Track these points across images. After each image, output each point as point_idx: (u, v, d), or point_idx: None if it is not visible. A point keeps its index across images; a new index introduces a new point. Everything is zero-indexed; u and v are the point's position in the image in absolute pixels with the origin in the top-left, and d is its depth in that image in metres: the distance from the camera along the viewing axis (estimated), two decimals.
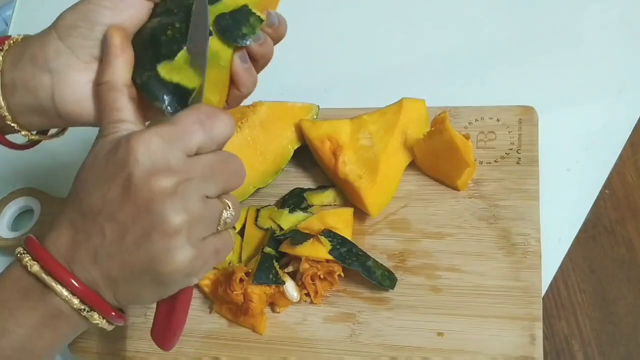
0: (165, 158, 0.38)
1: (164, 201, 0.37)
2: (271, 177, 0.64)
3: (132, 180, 0.37)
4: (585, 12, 0.70)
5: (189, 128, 0.39)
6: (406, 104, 0.62)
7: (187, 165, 0.39)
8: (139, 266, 0.39)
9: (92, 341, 0.64)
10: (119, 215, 0.38)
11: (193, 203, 0.38)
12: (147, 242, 0.38)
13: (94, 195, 0.39)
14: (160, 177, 0.37)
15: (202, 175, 0.39)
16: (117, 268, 0.39)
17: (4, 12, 1.22)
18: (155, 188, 0.37)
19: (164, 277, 0.39)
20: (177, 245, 0.38)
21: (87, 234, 0.39)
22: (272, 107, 0.65)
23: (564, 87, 0.66)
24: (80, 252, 0.39)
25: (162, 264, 0.38)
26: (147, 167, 0.37)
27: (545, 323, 0.56)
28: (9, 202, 0.75)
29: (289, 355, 0.59)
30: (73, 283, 0.39)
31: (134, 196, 0.37)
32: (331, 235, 0.58)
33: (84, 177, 0.40)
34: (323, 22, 0.78)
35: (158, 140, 0.38)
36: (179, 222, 0.38)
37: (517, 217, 0.58)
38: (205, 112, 0.40)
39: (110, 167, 0.39)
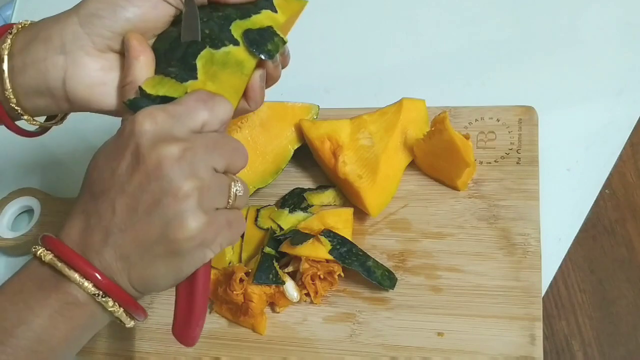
0: (171, 130, 0.39)
1: (172, 166, 0.38)
2: (271, 177, 0.64)
3: (139, 148, 0.39)
4: (585, 12, 0.70)
5: (192, 105, 0.41)
6: (406, 104, 0.62)
7: (192, 137, 0.40)
8: (152, 236, 0.39)
9: (92, 341, 0.64)
10: (129, 186, 0.39)
11: (202, 170, 0.39)
12: (158, 208, 0.39)
13: (105, 174, 0.40)
14: (167, 144, 0.39)
15: (206, 147, 0.40)
16: (130, 242, 0.39)
17: (4, 12, 1.22)
18: (162, 153, 0.38)
19: (177, 245, 0.39)
20: (188, 209, 0.39)
21: (98, 215, 0.40)
22: (272, 107, 0.65)
23: (564, 87, 0.66)
24: (93, 236, 0.40)
25: (174, 228, 0.39)
26: (153, 135, 0.39)
27: (545, 323, 0.56)
28: (9, 202, 0.75)
29: (289, 355, 0.59)
30: (89, 270, 0.39)
31: (143, 165, 0.39)
32: (331, 235, 0.58)
33: (94, 163, 0.42)
34: (323, 22, 0.78)
35: (164, 114, 0.40)
36: (188, 186, 0.39)
37: (517, 217, 0.58)
38: (206, 94, 0.42)
39: (118, 143, 0.40)
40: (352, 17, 0.78)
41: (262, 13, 0.46)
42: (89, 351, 0.64)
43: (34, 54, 0.44)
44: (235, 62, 0.45)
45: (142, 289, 0.42)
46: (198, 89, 0.44)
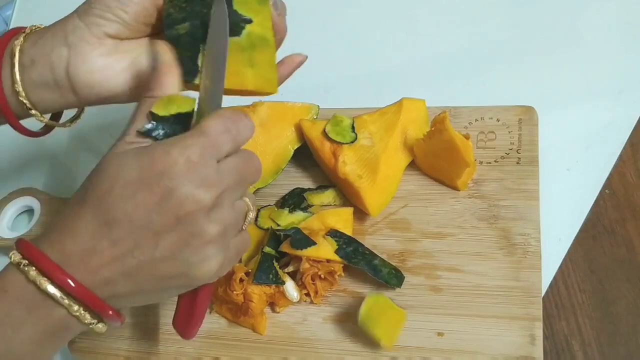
0: (204, 171, 0.39)
1: (205, 214, 0.39)
2: (271, 177, 0.64)
3: (173, 192, 0.39)
4: (585, 12, 0.70)
5: (220, 139, 0.41)
6: (406, 104, 0.62)
7: (221, 175, 0.40)
8: (172, 273, 0.41)
9: (92, 341, 0.64)
10: (155, 225, 0.39)
11: (227, 212, 0.41)
12: (184, 251, 0.40)
13: (126, 204, 0.39)
14: (202, 192, 0.39)
15: (234, 184, 0.41)
16: (147, 276, 0.40)
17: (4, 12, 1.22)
18: (198, 202, 0.39)
19: (195, 281, 0.42)
20: (213, 253, 0.41)
21: (112, 243, 0.39)
22: (272, 107, 0.65)
23: (564, 87, 0.66)
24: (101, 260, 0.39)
25: (196, 270, 0.41)
26: (189, 181, 0.39)
27: (545, 323, 0.56)
28: (9, 202, 0.75)
29: (289, 355, 0.59)
30: (69, 283, 0.39)
31: (174, 208, 0.39)
32: (337, 235, 0.58)
33: (109, 184, 0.39)
34: (323, 22, 0.78)
35: (196, 153, 0.39)
36: (215, 231, 0.40)
37: (517, 217, 0.58)
38: (231, 119, 0.42)
39: (146, 176, 0.39)
40: (352, 17, 0.78)
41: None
42: (89, 351, 0.64)
43: (41, 49, 0.47)
44: (258, 38, 0.47)
45: (143, 304, 0.44)
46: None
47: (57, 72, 0.47)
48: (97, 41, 0.47)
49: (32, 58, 0.47)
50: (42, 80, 0.47)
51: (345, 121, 0.62)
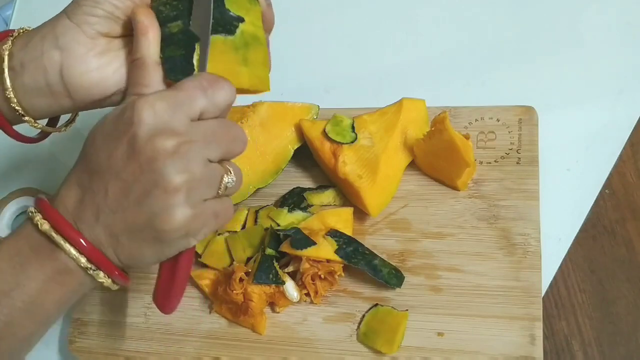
0: (169, 120, 0.40)
1: (165, 160, 0.39)
2: (271, 177, 0.64)
3: (136, 139, 0.39)
4: (585, 12, 0.70)
5: (192, 93, 0.41)
6: (406, 104, 0.62)
7: (190, 128, 0.41)
8: (140, 223, 0.41)
9: (92, 341, 0.64)
10: (123, 173, 0.40)
11: (194, 164, 0.40)
12: (148, 199, 0.40)
13: (101, 154, 0.41)
14: (163, 137, 0.39)
15: (204, 139, 0.41)
16: (119, 224, 0.41)
17: (4, 12, 1.22)
18: (158, 147, 0.39)
19: (163, 235, 0.41)
20: (176, 203, 0.40)
21: (92, 192, 0.41)
22: (272, 107, 0.65)
23: (564, 87, 0.66)
24: (86, 210, 0.41)
25: (161, 221, 0.40)
26: (151, 127, 0.40)
27: (545, 323, 0.56)
28: (9, 202, 0.75)
29: (289, 355, 0.59)
30: (81, 242, 0.41)
31: (138, 155, 0.40)
32: (337, 235, 0.58)
33: (92, 138, 0.42)
34: (323, 22, 0.78)
35: (163, 103, 0.40)
36: (179, 181, 0.40)
37: (517, 217, 0.58)
38: (208, 79, 0.42)
39: (117, 127, 0.41)
40: (352, 17, 0.78)
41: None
42: (89, 351, 0.64)
43: (31, 52, 0.46)
44: (251, 37, 0.47)
45: (128, 263, 0.44)
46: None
47: (51, 76, 0.46)
48: (90, 41, 0.46)
49: (21, 62, 0.46)
50: (35, 86, 0.46)
51: (345, 121, 0.62)
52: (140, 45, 0.45)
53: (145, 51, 0.45)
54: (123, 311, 0.64)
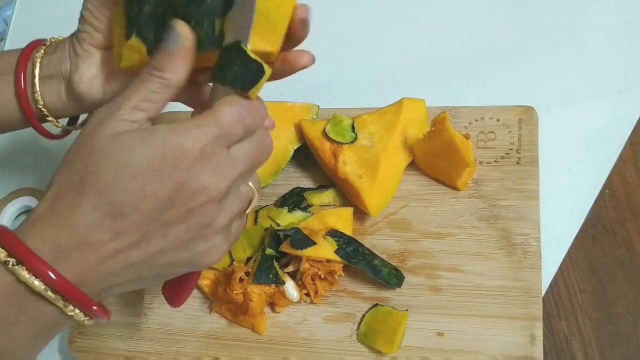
0: (216, 162, 0.39)
1: (216, 205, 0.39)
2: (271, 177, 0.64)
3: (185, 185, 0.38)
4: (585, 12, 0.70)
5: (234, 128, 0.40)
6: (406, 104, 0.62)
7: (232, 163, 0.40)
8: (178, 262, 0.40)
9: (92, 341, 0.64)
10: (164, 217, 0.38)
11: (236, 201, 0.41)
12: (194, 241, 0.40)
13: (133, 196, 0.37)
14: (214, 184, 0.38)
15: (245, 170, 0.41)
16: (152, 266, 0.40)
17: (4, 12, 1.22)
18: (210, 194, 0.38)
19: (200, 268, 0.43)
20: (220, 241, 0.41)
21: (115, 234, 0.38)
22: (272, 107, 0.64)
23: (564, 87, 0.66)
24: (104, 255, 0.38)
25: (203, 258, 0.41)
26: (201, 173, 0.38)
27: (545, 323, 0.56)
28: (9, 202, 0.75)
29: (289, 355, 0.59)
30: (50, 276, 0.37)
31: (186, 200, 0.38)
32: (337, 235, 0.58)
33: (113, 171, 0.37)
34: (323, 22, 0.78)
35: (210, 144, 0.38)
36: (225, 222, 0.40)
37: (517, 217, 0.58)
38: (246, 108, 0.40)
39: (156, 168, 0.37)
40: (352, 17, 0.78)
41: None
42: (89, 351, 0.64)
43: (56, 64, 0.51)
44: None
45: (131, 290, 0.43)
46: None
47: (65, 84, 0.51)
48: (86, 54, 0.50)
49: (49, 72, 0.51)
50: (57, 92, 0.51)
51: (345, 121, 0.62)
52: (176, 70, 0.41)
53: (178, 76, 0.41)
54: (123, 311, 0.64)
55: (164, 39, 0.41)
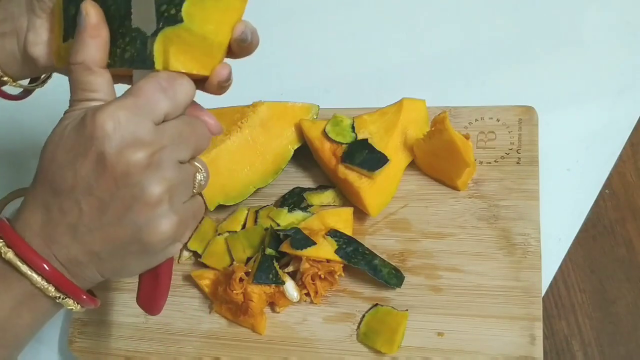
0: (135, 130, 0.38)
1: (141, 173, 0.38)
2: (271, 177, 0.64)
3: (105, 155, 0.38)
4: (585, 12, 0.70)
5: (152, 97, 0.39)
6: (406, 104, 0.62)
7: (157, 134, 0.39)
8: (124, 238, 0.40)
9: (92, 341, 0.64)
10: (96, 190, 0.39)
11: (170, 171, 0.39)
12: (130, 214, 0.39)
13: (66, 172, 0.39)
14: (134, 150, 0.38)
15: (172, 142, 0.40)
16: (100, 242, 0.40)
17: None
18: (130, 161, 0.38)
19: (151, 246, 0.40)
20: (161, 214, 0.39)
21: (62, 212, 0.39)
22: (272, 107, 0.65)
23: (564, 87, 0.66)
24: (57, 230, 0.40)
25: (148, 233, 0.40)
26: (119, 141, 0.38)
27: (545, 323, 0.56)
28: (9, 202, 0.75)
29: (289, 355, 0.59)
30: (44, 267, 0.40)
31: (110, 170, 0.38)
32: (337, 235, 0.58)
33: (51, 154, 0.40)
34: (323, 22, 0.78)
35: (125, 113, 0.38)
36: (158, 191, 0.39)
37: (517, 217, 0.58)
38: (165, 79, 0.40)
39: (80, 142, 0.39)
40: (352, 17, 0.78)
41: None
42: (89, 351, 0.64)
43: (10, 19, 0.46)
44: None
45: (112, 277, 0.43)
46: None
47: (20, 44, 0.46)
48: (45, 15, 0.46)
49: (3, 30, 0.46)
50: (11, 51, 0.47)
51: (345, 121, 0.62)
52: (87, 49, 0.41)
53: (93, 55, 0.41)
54: (123, 311, 0.64)
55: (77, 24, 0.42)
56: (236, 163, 0.63)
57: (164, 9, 0.40)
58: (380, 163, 0.59)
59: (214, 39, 0.42)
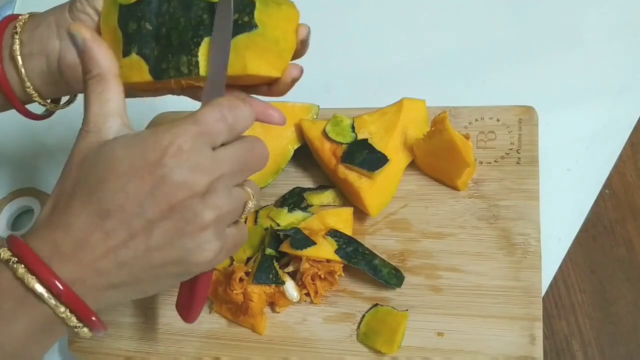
0: (197, 159, 0.39)
1: (198, 200, 0.39)
2: (271, 177, 0.64)
3: (165, 180, 0.38)
4: (585, 12, 0.70)
5: (214, 126, 0.40)
6: (406, 104, 0.62)
7: (216, 162, 0.40)
8: (169, 260, 0.40)
9: (92, 341, 0.64)
10: (148, 214, 0.38)
11: (223, 199, 0.40)
12: (180, 238, 0.39)
13: (117, 194, 0.38)
14: (193, 179, 0.39)
15: (231, 170, 0.41)
16: (143, 266, 0.40)
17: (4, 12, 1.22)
18: (189, 190, 0.38)
19: (193, 268, 0.41)
20: (208, 239, 0.40)
21: (106, 234, 0.39)
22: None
23: (564, 87, 0.66)
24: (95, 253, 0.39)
25: (193, 256, 0.40)
26: (180, 168, 0.38)
27: (545, 323, 0.56)
28: (9, 202, 0.75)
29: (289, 355, 0.59)
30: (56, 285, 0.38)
31: (168, 197, 0.38)
32: (337, 235, 0.58)
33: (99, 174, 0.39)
34: (323, 22, 0.78)
35: (189, 142, 0.39)
36: (211, 218, 0.40)
37: (517, 217, 0.58)
38: (227, 107, 0.41)
39: (137, 166, 0.39)
40: (352, 17, 0.78)
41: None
42: (89, 351, 0.64)
43: (38, 41, 0.48)
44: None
45: (137, 297, 0.43)
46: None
47: (52, 64, 0.48)
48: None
49: (30, 50, 0.48)
50: (40, 71, 0.48)
51: (345, 121, 0.62)
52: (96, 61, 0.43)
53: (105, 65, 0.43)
54: (123, 311, 0.64)
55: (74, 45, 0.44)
56: None
57: (237, 17, 0.43)
58: (380, 163, 0.58)
59: (285, 43, 0.45)
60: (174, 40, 0.44)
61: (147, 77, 0.44)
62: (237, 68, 0.43)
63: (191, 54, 0.43)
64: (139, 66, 0.44)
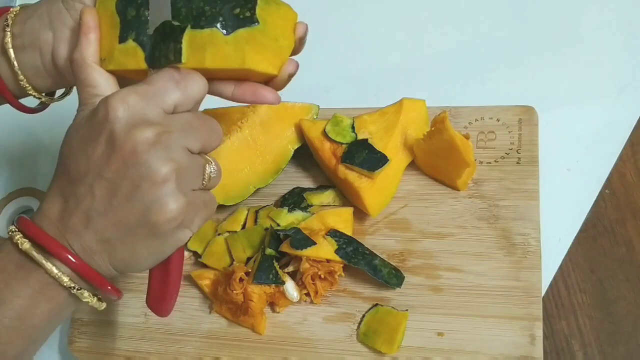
0: (144, 113, 0.40)
1: (148, 151, 0.39)
2: (271, 177, 0.64)
3: (114, 135, 0.39)
4: (585, 12, 0.70)
5: (164, 85, 0.41)
6: (406, 104, 0.62)
7: (166, 119, 0.40)
8: (133, 219, 0.40)
9: (92, 341, 0.64)
10: (106, 172, 0.39)
11: (177, 153, 0.40)
12: (138, 193, 0.39)
13: (80, 159, 0.40)
14: (141, 129, 0.39)
15: (181, 129, 0.41)
16: (111, 226, 0.40)
17: None
18: (138, 139, 0.39)
19: (158, 227, 0.41)
20: (168, 192, 0.40)
21: (76, 199, 0.40)
22: (272, 107, 0.65)
23: (564, 87, 0.66)
24: (72, 218, 0.41)
25: (155, 212, 0.40)
26: (127, 120, 0.39)
27: (545, 323, 0.56)
28: (9, 202, 0.75)
29: (289, 355, 0.59)
30: (69, 257, 0.40)
31: (119, 150, 0.39)
32: (337, 235, 0.58)
33: (67, 145, 0.42)
34: (323, 22, 0.78)
35: (135, 97, 0.40)
36: (166, 170, 0.39)
37: (517, 217, 0.58)
38: (178, 73, 0.42)
39: (92, 128, 0.40)
40: (352, 17, 0.78)
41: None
42: (89, 351, 0.64)
43: (30, 33, 0.47)
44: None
45: (123, 270, 0.43)
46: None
47: (45, 57, 0.48)
48: (76, 25, 0.46)
49: (22, 43, 0.47)
50: (33, 64, 0.48)
51: (345, 121, 0.62)
52: (80, 45, 0.44)
53: (85, 51, 0.44)
54: (123, 311, 0.64)
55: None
56: (236, 163, 0.63)
57: (238, 12, 0.43)
58: (380, 163, 0.59)
59: (284, 41, 0.45)
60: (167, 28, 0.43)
61: (142, 64, 0.44)
62: (236, 61, 0.43)
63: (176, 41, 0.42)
64: (134, 53, 0.44)
